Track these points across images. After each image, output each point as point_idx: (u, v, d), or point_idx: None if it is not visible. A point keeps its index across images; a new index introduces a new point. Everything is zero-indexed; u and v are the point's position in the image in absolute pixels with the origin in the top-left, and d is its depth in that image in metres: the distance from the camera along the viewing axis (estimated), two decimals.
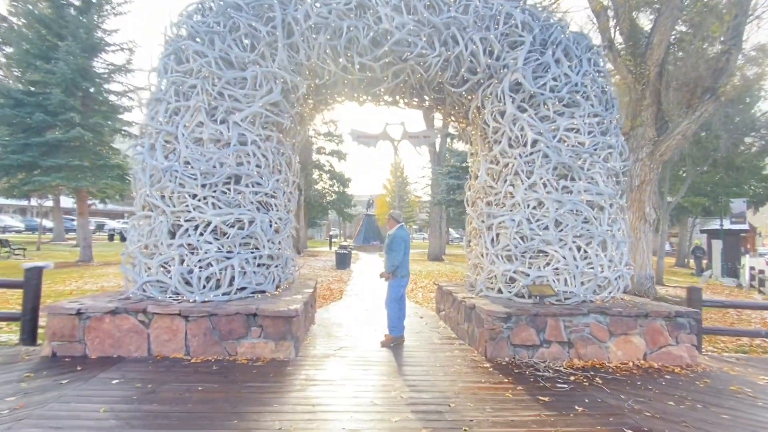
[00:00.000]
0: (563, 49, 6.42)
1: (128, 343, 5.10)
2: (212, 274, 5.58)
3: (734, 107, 16.38)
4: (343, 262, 17.86)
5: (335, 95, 7.25)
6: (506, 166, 6.44)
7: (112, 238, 32.87)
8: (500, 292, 6.30)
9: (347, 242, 34.78)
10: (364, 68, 6.38)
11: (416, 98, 7.42)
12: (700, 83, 10.71)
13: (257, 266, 6.00)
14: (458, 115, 7.61)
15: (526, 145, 6.20)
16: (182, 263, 5.56)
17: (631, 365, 5.39)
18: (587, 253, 5.99)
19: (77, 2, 16.82)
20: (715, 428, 3.67)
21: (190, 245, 5.61)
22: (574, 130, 6.23)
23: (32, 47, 15.80)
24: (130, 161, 6.08)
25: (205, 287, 5.56)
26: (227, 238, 5.69)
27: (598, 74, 6.54)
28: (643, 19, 13.33)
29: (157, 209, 5.74)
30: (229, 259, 5.66)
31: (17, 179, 15.53)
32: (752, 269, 16.23)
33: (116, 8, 17.37)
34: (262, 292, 6.03)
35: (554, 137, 6.11)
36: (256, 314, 5.16)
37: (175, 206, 5.66)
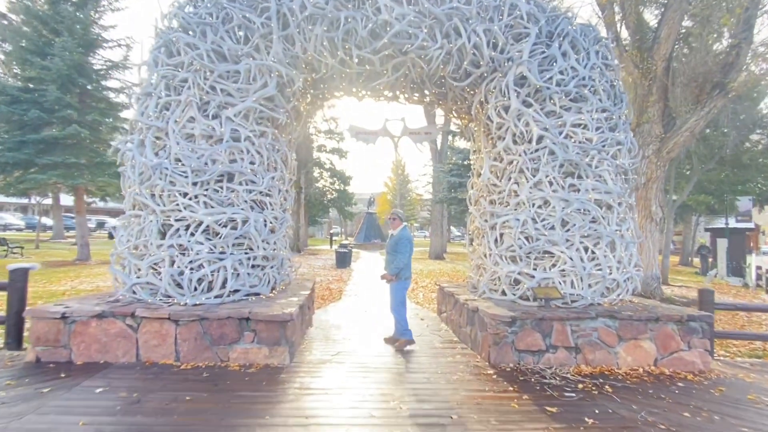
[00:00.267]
0: (570, 41, 6.15)
1: (116, 348, 4.88)
2: (204, 275, 5.36)
3: (741, 103, 16.07)
4: (343, 261, 17.65)
5: (333, 90, 7.00)
6: (510, 163, 6.19)
7: (112, 236, 32.74)
8: (504, 294, 6.06)
9: (348, 241, 34.60)
10: (362, 61, 6.13)
11: (417, 93, 7.16)
12: (708, 78, 10.41)
13: (251, 267, 5.77)
14: (460, 110, 7.36)
15: (531, 141, 5.95)
16: (173, 264, 5.34)
17: (641, 371, 5.15)
18: (595, 254, 5.74)
19: None
20: None
21: (180, 246, 5.38)
22: (581, 125, 5.98)
23: (28, 43, 15.57)
24: (119, 157, 5.80)
25: (196, 290, 5.34)
26: (220, 238, 5.46)
27: (606, 67, 6.28)
28: (648, 14, 13.07)
29: (146, 208, 5.52)
30: (221, 260, 5.43)
31: (13, 177, 15.32)
32: (758, 268, 15.94)
33: (113, 4, 17.14)
34: (256, 294, 5.80)
35: (561, 133, 5.86)
36: (248, 318, 4.93)
37: (165, 205, 5.43)
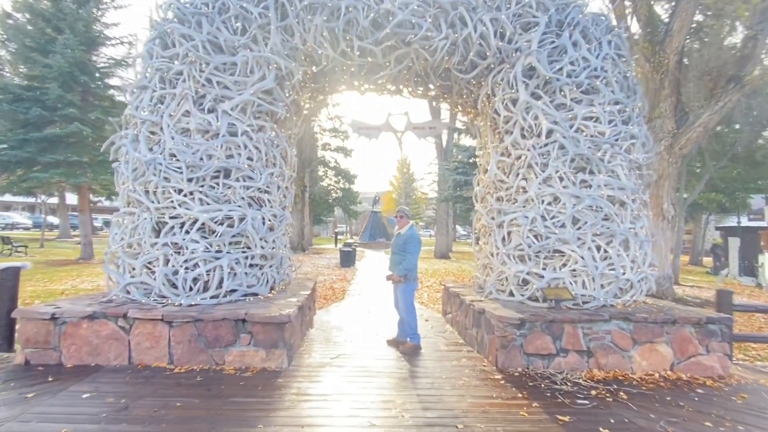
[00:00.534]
0: (581, 30, 5.88)
1: (107, 350, 4.70)
2: (199, 275, 5.16)
3: (755, 98, 15.66)
4: (347, 260, 17.45)
5: (334, 84, 6.78)
6: (518, 158, 5.94)
7: None
8: (512, 295, 5.81)
9: (353, 239, 34.40)
10: (364, 53, 5.90)
11: (421, 86, 6.92)
12: (723, 71, 10.08)
13: (249, 267, 5.57)
14: (466, 104, 7.11)
15: (540, 135, 5.69)
16: (167, 264, 5.15)
17: (657, 377, 4.89)
18: (608, 253, 5.47)
19: None
20: None
21: (175, 244, 5.19)
22: (593, 118, 5.71)
23: (30, 41, 15.49)
24: (111, 153, 5.61)
25: (191, 290, 5.15)
26: (216, 236, 5.26)
27: (619, 58, 6.00)
28: (659, 7, 12.72)
29: (140, 205, 5.33)
30: (217, 259, 5.24)
31: (16, 176, 15.26)
32: None
33: (116, 1, 17.02)
34: (254, 294, 5.60)
35: (571, 126, 5.60)
36: (245, 320, 4.73)
37: (159, 202, 5.24)
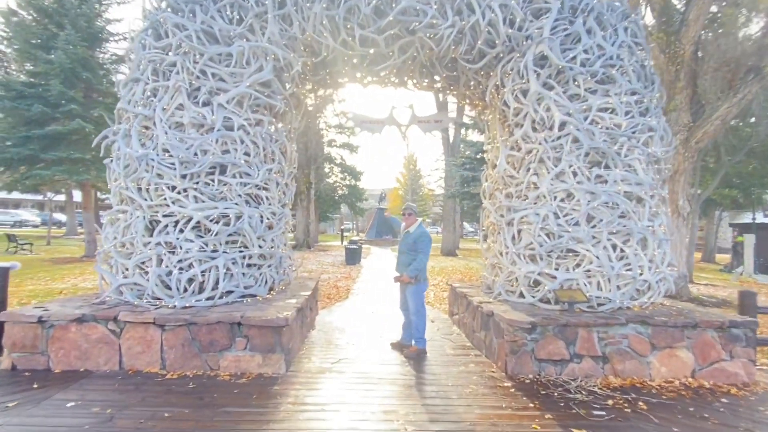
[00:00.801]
0: (596, 17, 5.55)
1: (97, 355, 4.49)
2: (194, 276, 4.93)
3: None
4: (353, 257, 17.23)
5: (336, 76, 6.50)
6: (529, 152, 5.63)
7: None
8: (522, 296, 5.53)
9: (358, 237, 34.19)
10: (366, 42, 5.62)
11: (426, 78, 6.63)
12: (742, 62, 9.66)
13: (246, 267, 5.34)
14: (474, 96, 6.80)
15: (552, 128, 5.38)
16: (160, 264, 4.93)
17: (677, 384, 4.59)
18: (624, 252, 5.17)
19: None
20: None
21: (169, 243, 4.96)
22: (608, 110, 5.39)
23: (32, 37, 15.38)
24: (102, 148, 5.38)
25: (186, 291, 4.93)
26: (212, 235, 5.03)
27: (636, 46, 5.67)
28: None
29: (133, 203, 5.11)
30: (213, 259, 5.01)
31: (19, 173, 15.19)
32: None
33: None
34: (252, 296, 5.37)
35: (586, 118, 5.29)
36: (240, 323, 4.50)
37: (152, 199, 5.01)
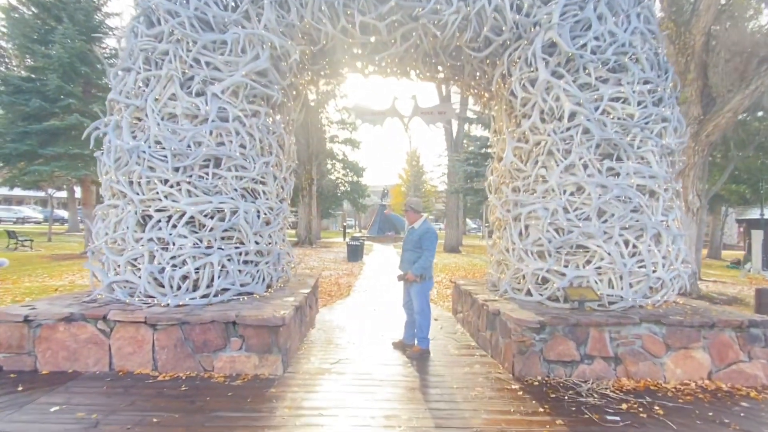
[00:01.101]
0: (607, 2, 5.28)
1: (86, 355, 4.31)
2: (188, 273, 4.74)
3: None
4: (355, 254, 17.04)
5: (335, 66, 6.27)
6: (537, 144, 5.40)
7: None
8: (529, 294, 5.31)
9: (360, 233, 33.99)
10: (367, 29, 5.39)
11: (429, 68, 6.38)
12: (755, 52, 9.38)
13: (242, 264, 5.14)
14: (479, 86, 6.57)
15: (562, 118, 5.14)
16: (153, 260, 4.74)
17: (693, 387, 4.37)
18: (637, 248, 4.94)
19: None
20: None
21: (161, 239, 4.77)
22: (620, 99, 5.14)
23: (30, 31, 15.19)
24: (92, 141, 5.16)
25: (180, 289, 4.73)
26: (206, 231, 4.83)
27: (649, 33, 5.41)
28: None
29: (124, 197, 4.92)
30: (207, 255, 4.81)
31: (18, 169, 15.04)
32: None
33: None
34: (249, 294, 5.17)
35: (597, 108, 5.05)
36: (235, 322, 4.30)
37: (144, 193, 4.82)
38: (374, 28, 5.33)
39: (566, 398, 3.96)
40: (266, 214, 5.40)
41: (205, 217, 4.84)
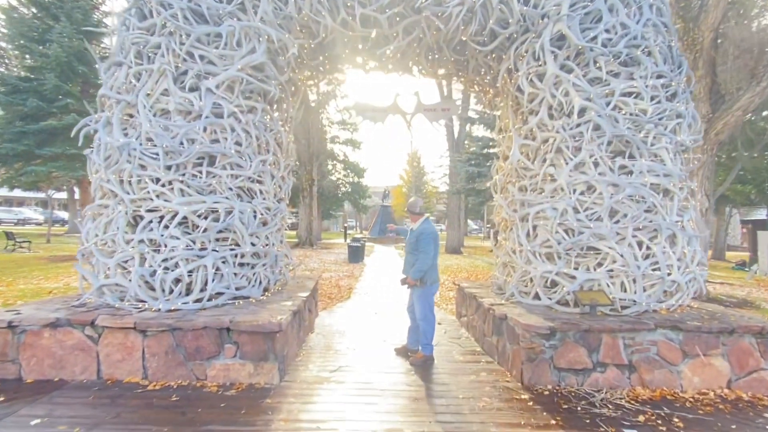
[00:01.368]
0: None
1: (72, 363, 4.10)
2: (181, 276, 4.52)
3: None
4: (355, 255, 16.82)
5: (335, 61, 6.06)
6: (545, 141, 5.18)
7: None
8: (537, 298, 5.09)
9: (361, 234, 33.78)
10: (367, 22, 5.18)
11: (432, 63, 6.17)
12: (766, 49, 9.14)
13: (238, 266, 4.92)
14: (483, 82, 6.35)
15: (571, 114, 4.92)
16: (144, 263, 4.53)
17: (712, 396, 4.15)
18: (651, 250, 4.71)
19: None
20: None
21: (153, 241, 4.56)
22: (633, 94, 4.93)
23: (27, 30, 15.02)
24: (81, 138, 4.94)
25: (172, 292, 4.52)
26: (199, 232, 4.62)
27: (662, 25, 5.20)
28: None
29: (114, 197, 4.71)
30: (201, 258, 4.60)
31: (14, 169, 14.86)
32: None
33: None
34: (245, 297, 4.95)
35: (608, 104, 4.83)
36: (229, 328, 4.09)
37: (134, 193, 4.61)
38: (375, 20, 5.12)
39: (579, 409, 3.74)
40: (263, 214, 5.18)
41: (198, 217, 4.63)
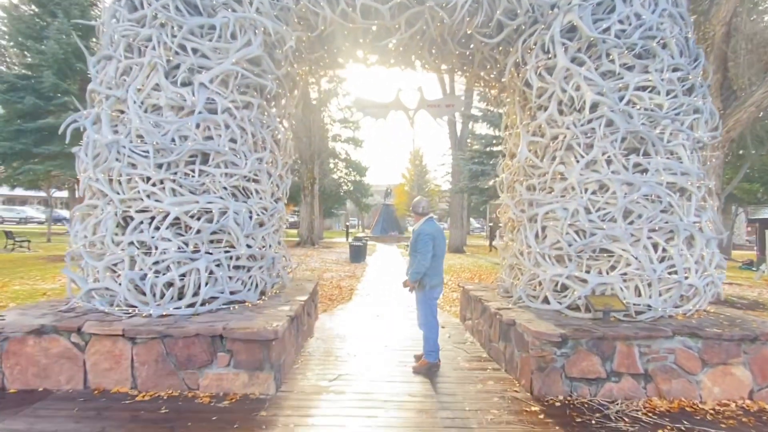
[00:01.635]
0: None
1: (58, 372, 3.89)
2: (173, 280, 4.31)
3: None
4: (357, 255, 16.61)
5: (334, 54, 5.82)
6: (555, 138, 4.94)
7: None
8: (546, 302, 4.85)
9: (363, 233, 33.59)
10: (368, 14, 4.94)
11: (436, 57, 5.92)
12: None
13: (233, 269, 4.71)
14: (489, 77, 6.11)
15: (582, 109, 4.68)
16: (134, 266, 4.31)
17: (734, 407, 3.92)
18: (667, 252, 4.48)
19: None
20: None
21: (143, 243, 4.34)
22: (648, 88, 4.68)
23: (24, 27, 14.83)
24: (68, 135, 4.72)
25: (163, 297, 4.31)
26: (192, 233, 4.40)
27: (679, 16, 4.94)
28: None
29: (103, 197, 4.49)
30: (194, 260, 4.38)
31: (12, 168, 14.69)
32: None
33: None
34: (240, 302, 4.74)
35: (622, 98, 4.59)
36: (223, 336, 3.87)
37: (124, 192, 4.39)
38: (376, 12, 4.88)
39: (593, 422, 3.51)
40: (259, 214, 4.97)
41: (191, 218, 4.41)
